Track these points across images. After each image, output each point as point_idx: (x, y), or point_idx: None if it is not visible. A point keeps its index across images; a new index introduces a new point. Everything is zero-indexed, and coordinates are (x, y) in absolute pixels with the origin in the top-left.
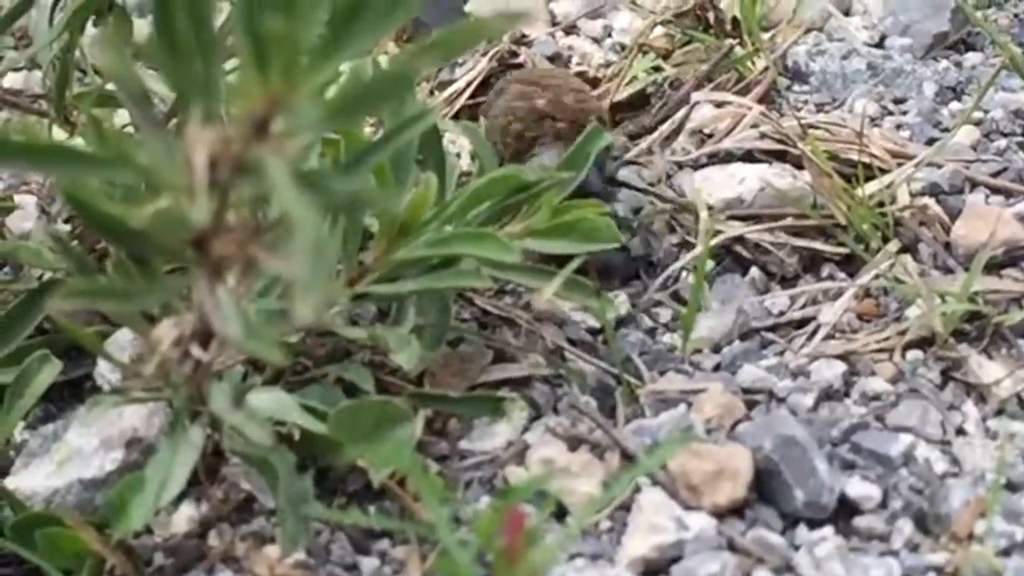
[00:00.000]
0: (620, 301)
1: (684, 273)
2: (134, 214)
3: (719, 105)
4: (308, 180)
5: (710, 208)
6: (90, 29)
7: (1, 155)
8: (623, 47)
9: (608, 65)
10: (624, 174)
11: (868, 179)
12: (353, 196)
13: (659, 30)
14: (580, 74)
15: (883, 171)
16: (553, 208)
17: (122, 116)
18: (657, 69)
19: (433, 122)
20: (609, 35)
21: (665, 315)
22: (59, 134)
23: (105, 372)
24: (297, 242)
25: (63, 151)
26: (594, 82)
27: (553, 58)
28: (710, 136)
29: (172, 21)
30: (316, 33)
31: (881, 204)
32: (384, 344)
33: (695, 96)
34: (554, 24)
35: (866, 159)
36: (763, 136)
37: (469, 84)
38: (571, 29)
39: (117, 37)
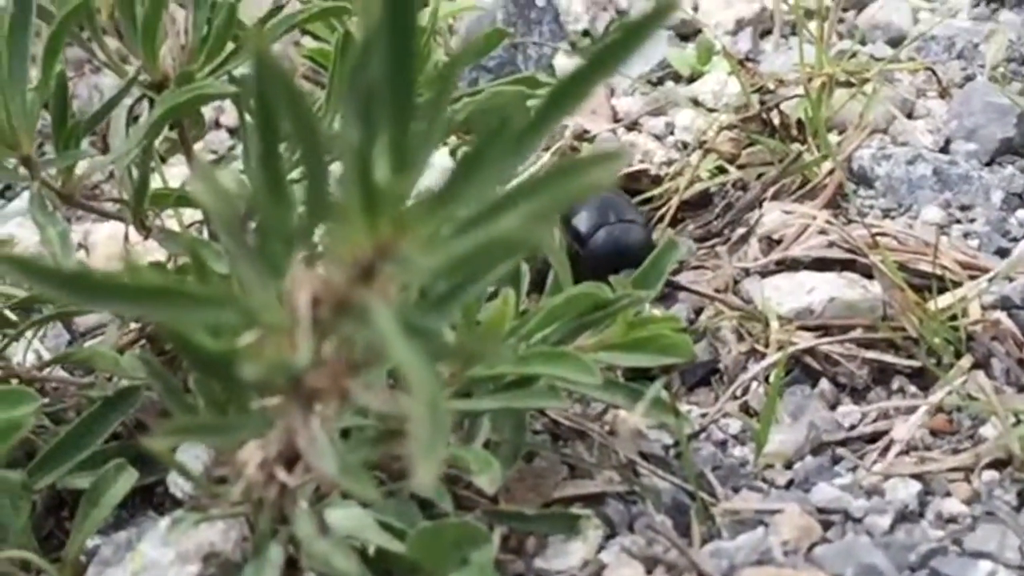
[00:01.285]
0: (691, 413)
1: (754, 383)
2: (234, 352)
3: (787, 211)
4: (416, 329)
5: (780, 318)
6: None
7: (102, 296)
8: (685, 145)
9: (670, 163)
10: (690, 277)
11: (940, 291)
12: (459, 347)
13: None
14: (643, 172)
15: (955, 283)
16: (628, 322)
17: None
18: (721, 170)
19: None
20: (671, 133)
21: (735, 426)
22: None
23: (179, 480)
24: (414, 403)
25: (167, 292)
26: (656, 180)
27: None
28: (778, 242)
29: (276, 163)
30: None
31: (953, 317)
32: (463, 465)
33: (765, 203)
34: (616, 120)
35: (938, 271)
36: (832, 245)
37: None
38: (633, 126)
39: (211, 168)
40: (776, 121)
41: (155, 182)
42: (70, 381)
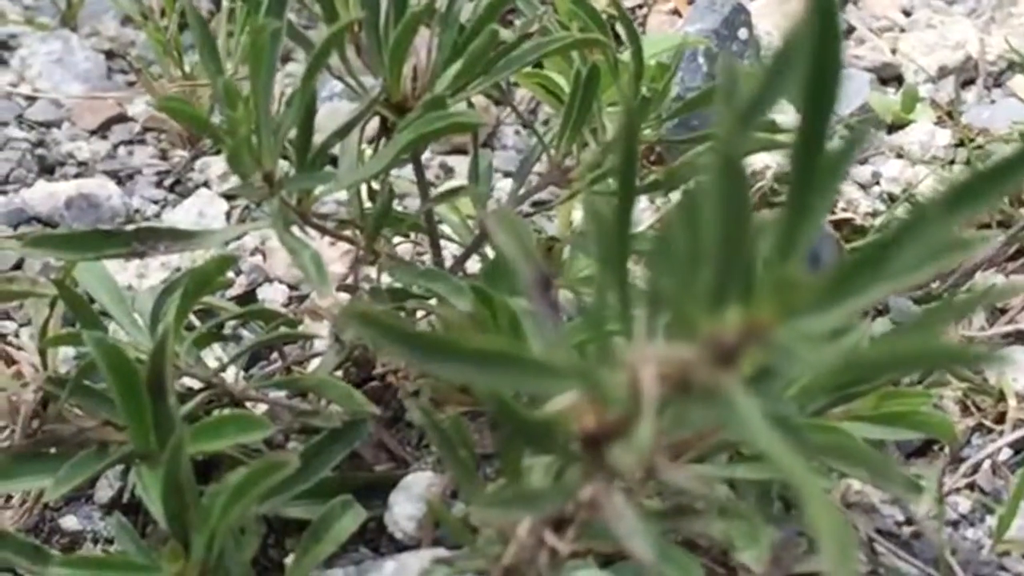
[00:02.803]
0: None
1: (987, 461)
2: (558, 422)
3: (1008, 275)
4: (782, 422)
5: (1017, 395)
6: None
7: (450, 360)
8: (892, 197)
9: (876, 215)
10: None
11: None
12: (836, 448)
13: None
14: (846, 221)
15: None
16: (880, 394)
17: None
18: None
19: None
20: (877, 183)
21: (964, 505)
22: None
23: (400, 520)
24: (812, 513)
25: (514, 359)
26: (860, 231)
27: None
28: (1002, 311)
29: (628, 230)
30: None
31: None
32: (727, 539)
33: (987, 271)
34: None
35: None
36: None
37: None
38: None
39: (513, 216)
40: None
41: None
42: (284, 404)
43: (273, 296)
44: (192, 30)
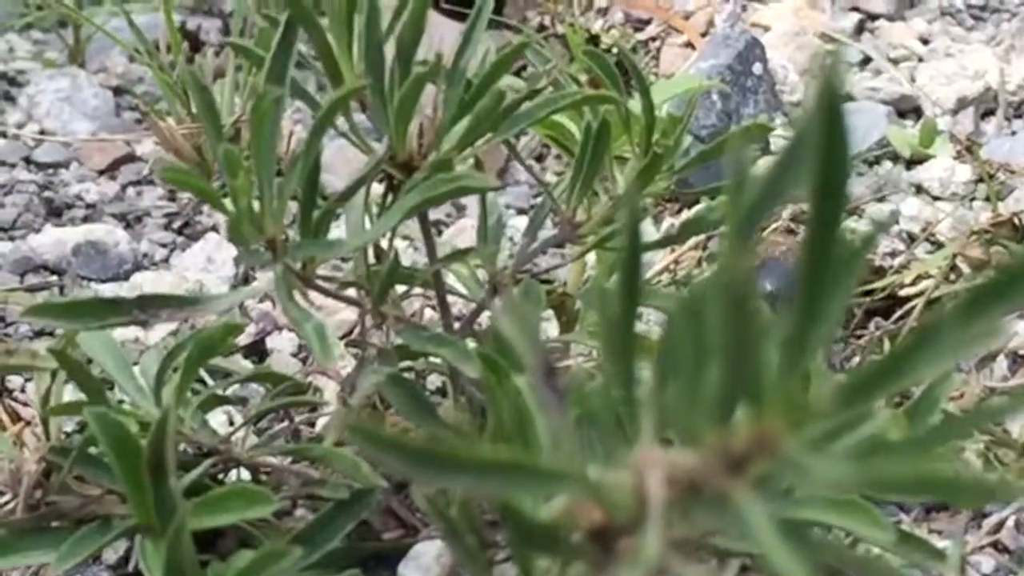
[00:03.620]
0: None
1: (1011, 519)
2: (567, 526)
3: None
4: (792, 530)
5: None
6: None
7: (451, 472)
8: (911, 236)
9: (895, 255)
10: None
11: None
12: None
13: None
14: (864, 261)
15: None
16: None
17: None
18: (952, 268)
19: None
20: (896, 221)
21: (987, 564)
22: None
23: None
24: None
25: (506, 465)
26: (879, 271)
27: None
28: None
29: (631, 331)
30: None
31: None
32: None
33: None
34: None
35: None
36: None
37: None
38: (854, 211)
39: (525, 302)
40: None
41: None
42: (292, 471)
43: (282, 345)
44: (192, 96)
